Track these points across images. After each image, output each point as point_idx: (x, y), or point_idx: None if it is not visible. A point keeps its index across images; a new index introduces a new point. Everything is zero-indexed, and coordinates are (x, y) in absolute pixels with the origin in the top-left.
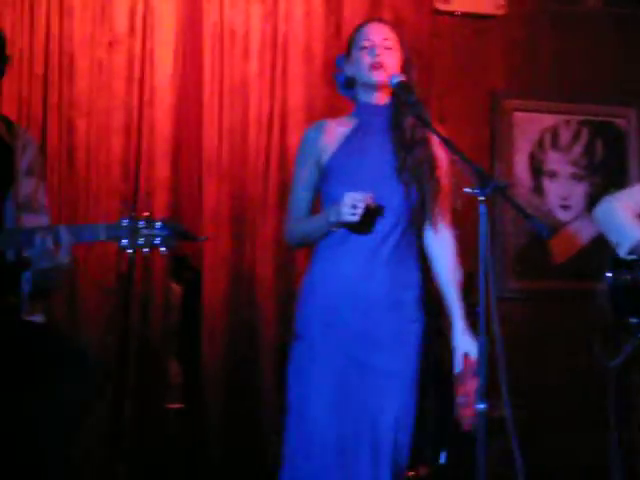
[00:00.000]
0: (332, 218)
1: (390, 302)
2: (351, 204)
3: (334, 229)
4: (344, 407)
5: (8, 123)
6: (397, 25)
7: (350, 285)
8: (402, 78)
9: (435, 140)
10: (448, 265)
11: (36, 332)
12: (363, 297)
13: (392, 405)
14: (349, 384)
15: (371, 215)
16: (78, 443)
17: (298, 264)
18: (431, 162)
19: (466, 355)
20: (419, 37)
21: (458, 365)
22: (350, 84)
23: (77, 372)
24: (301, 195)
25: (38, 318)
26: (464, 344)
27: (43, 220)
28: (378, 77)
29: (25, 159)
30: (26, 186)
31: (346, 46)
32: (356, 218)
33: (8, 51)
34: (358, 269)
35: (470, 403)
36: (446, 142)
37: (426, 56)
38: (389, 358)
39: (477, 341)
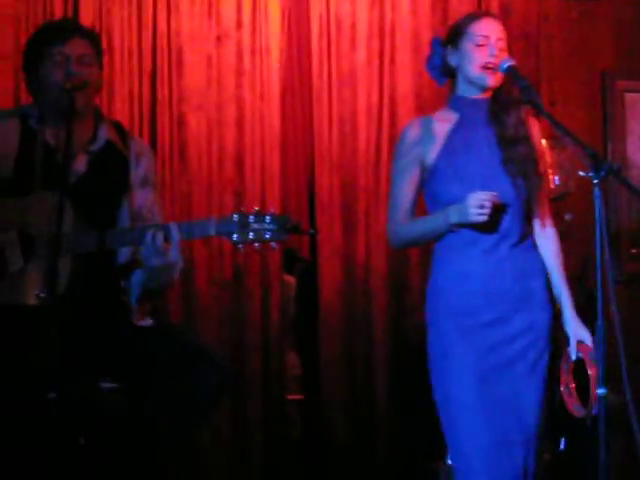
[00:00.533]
0: (454, 219)
1: (519, 293)
2: (478, 204)
3: (454, 229)
4: (489, 406)
5: (122, 132)
6: (505, 10)
7: (480, 283)
8: (512, 62)
9: (534, 134)
10: (552, 253)
11: (156, 332)
12: (494, 293)
13: (533, 395)
14: (490, 380)
15: (496, 213)
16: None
17: (411, 255)
18: (534, 157)
19: (581, 342)
20: (528, 21)
21: (573, 352)
22: (448, 72)
23: (201, 370)
24: (405, 196)
25: (146, 322)
26: (578, 331)
27: None
28: (490, 82)
29: (139, 169)
30: (140, 196)
31: (449, 33)
32: (484, 218)
33: (111, 46)
34: (485, 266)
35: (589, 391)
36: (558, 126)
37: (535, 40)
38: (525, 350)
39: (596, 326)
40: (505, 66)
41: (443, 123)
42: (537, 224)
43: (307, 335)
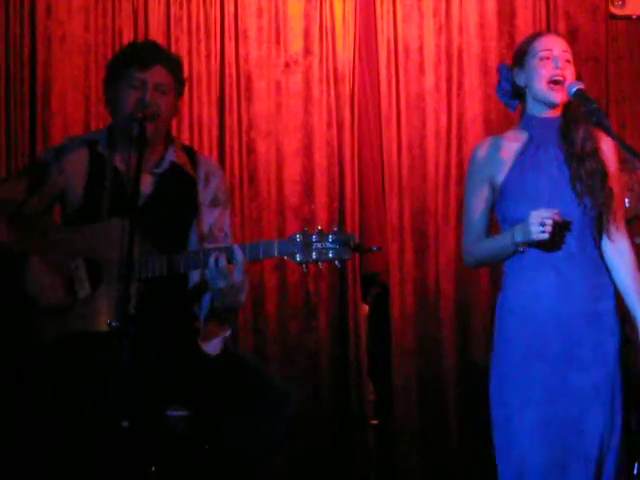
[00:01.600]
0: (519, 238)
1: (588, 316)
2: (539, 222)
3: (520, 248)
4: (551, 428)
5: (191, 153)
6: (573, 32)
7: (548, 304)
8: (580, 86)
9: (606, 149)
10: (628, 273)
11: (228, 362)
12: (562, 315)
13: (597, 422)
14: (554, 405)
15: (559, 231)
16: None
17: (481, 279)
18: (603, 172)
19: None
20: (596, 43)
21: None
22: (518, 94)
23: (274, 402)
24: (478, 215)
25: (212, 347)
26: None
27: None
28: (557, 99)
29: (209, 190)
30: (210, 217)
31: (515, 55)
32: (546, 236)
33: (185, 75)
34: (553, 288)
35: None
36: (627, 148)
37: (603, 62)
38: (592, 374)
39: None
40: (573, 90)
41: (512, 142)
42: (609, 241)
43: (381, 360)
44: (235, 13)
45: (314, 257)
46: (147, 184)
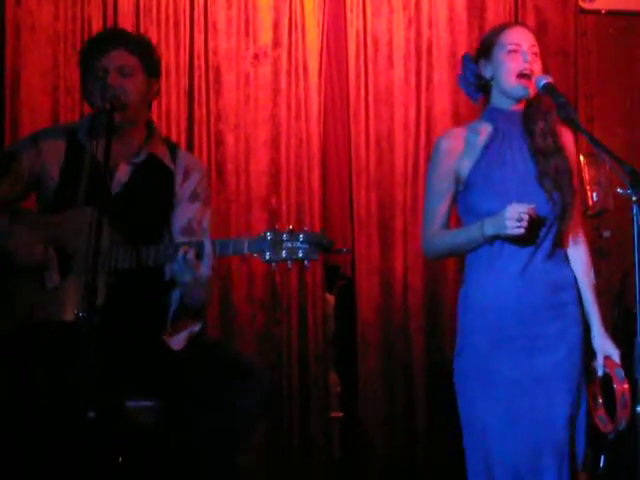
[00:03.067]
0: (490, 231)
1: (551, 305)
2: (516, 217)
3: (489, 242)
4: (519, 423)
5: (171, 146)
6: (542, 26)
7: (511, 297)
8: (549, 79)
9: (567, 145)
10: (583, 268)
11: (198, 348)
12: (525, 306)
13: (564, 411)
14: (519, 395)
15: (533, 226)
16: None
17: (448, 272)
18: (569, 170)
19: (608, 358)
20: (565, 37)
21: (600, 368)
22: (483, 85)
23: (246, 385)
24: (440, 207)
25: (177, 341)
26: (605, 347)
27: None
28: (524, 92)
29: (189, 184)
30: (189, 211)
31: (481, 46)
32: (522, 231)
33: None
34: (516, 280)
35: (619, 409)
36: (596, 143)
37: (572, 56)
38: (556, 363)
39: (634, 342)
40: (542, 83)
41: (477, 135)
42: (570, 237)
43: (346, 352)
44: (205, 5)
45: (283, 256)
46: (124, 173)
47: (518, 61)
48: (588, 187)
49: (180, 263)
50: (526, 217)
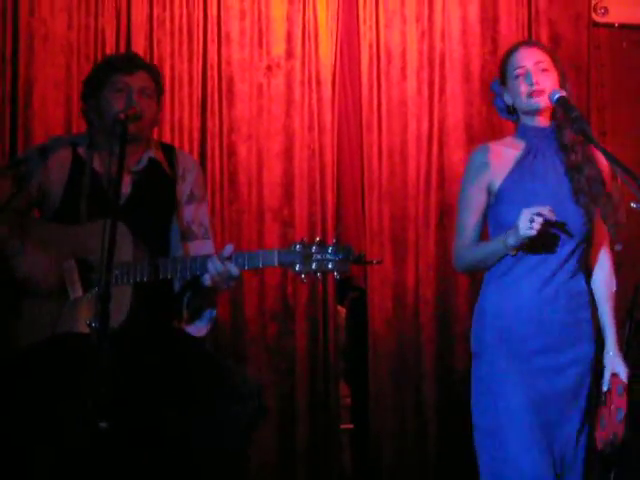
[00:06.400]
0: (511, 241)
1: (567, 323)
2: (529, 218)
3: (512, 253)
4: (538, 428)
5: (168, 151)
6: (555, 39)
7: (535, 312)
8: (562, 93)
9: (598, 154)
10: (605, 284)
11: (197, 352)
12: (547, 322)
13: (573, 426)
14: (538, 408)
15: (550, 230)
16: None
17: (460, 284)
18: (602, 179)
19: (615, 375)
20: (578, 51)
21: (605, 384)
22: (511, 110)
23: (235, 392)
24: (472, 220)
25: (199, 328)
26: (614, 364)
27: (208, 245)
28: (539, 103)
29: (186, 186)
30: (189, 213)
31: (499, 73)
32: (533, 232)
33: (167, 77)
34: (538, 295)
35: (609, 423)
36: (609, 156)
37: (585, 70)
38: (570, 380)
39: None
40: (555, 97)
41: (511, 149)
42: (595, 253)
43: (357, 364)
44: (218, 15)
45: (314, 268)
46: (126, 184)
47: (524, 84)
48: None
49: (213, 275)
50: (539, 219)
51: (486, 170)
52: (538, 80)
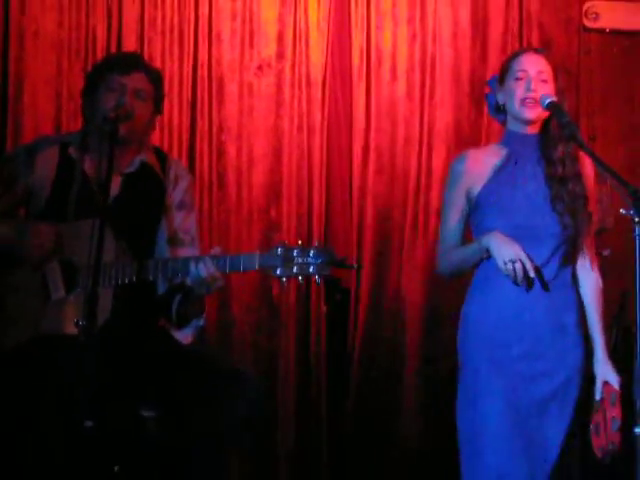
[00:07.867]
0: (485, 242)
1: (553, 328)
2: (513, 259)
3: (485, 255)
4: (519, 433)
5: (161, 155)
6: (546, 44)
7: (513, 315)
8: (553, 99)
9: (586, 169)
10: (592, 293)
11: (192, 354)
12: (526, 326)
13: (558, 432)
14: (520, 413)
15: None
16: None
17: (447, 287)
18: (584, 196)
19: (607, 383)
20: (568, 55)
21: (598, 393)
22: (501, 109)
23: (234, 389)
24: (454, 225)
25: (185, 335)
26: (605, 372)
27: (194, 253)
28: (530, 115)
29: (177, 193)
30: (178, 220)
31: (500, 70)
32: (510, 274)
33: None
34: (519, 299)
35: (605, 432)
36: (599, 162)
37: (575, 74)
38: (554, 386)
39: (634, 363)
40: (546, 102)
41: (491, 157)
42: (581, 261)
43: (338, 366)
44: (209, 16)
45: (295, 271)
46: (115, 186)
47: (521, 88)
48: None
49: (194, 278)
50: (519, 267)
51: (463, 178)
52: (536, 88)
